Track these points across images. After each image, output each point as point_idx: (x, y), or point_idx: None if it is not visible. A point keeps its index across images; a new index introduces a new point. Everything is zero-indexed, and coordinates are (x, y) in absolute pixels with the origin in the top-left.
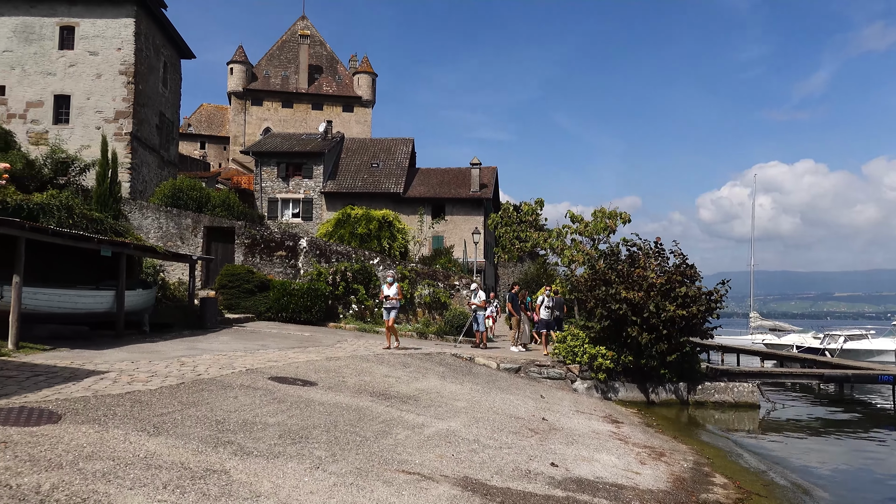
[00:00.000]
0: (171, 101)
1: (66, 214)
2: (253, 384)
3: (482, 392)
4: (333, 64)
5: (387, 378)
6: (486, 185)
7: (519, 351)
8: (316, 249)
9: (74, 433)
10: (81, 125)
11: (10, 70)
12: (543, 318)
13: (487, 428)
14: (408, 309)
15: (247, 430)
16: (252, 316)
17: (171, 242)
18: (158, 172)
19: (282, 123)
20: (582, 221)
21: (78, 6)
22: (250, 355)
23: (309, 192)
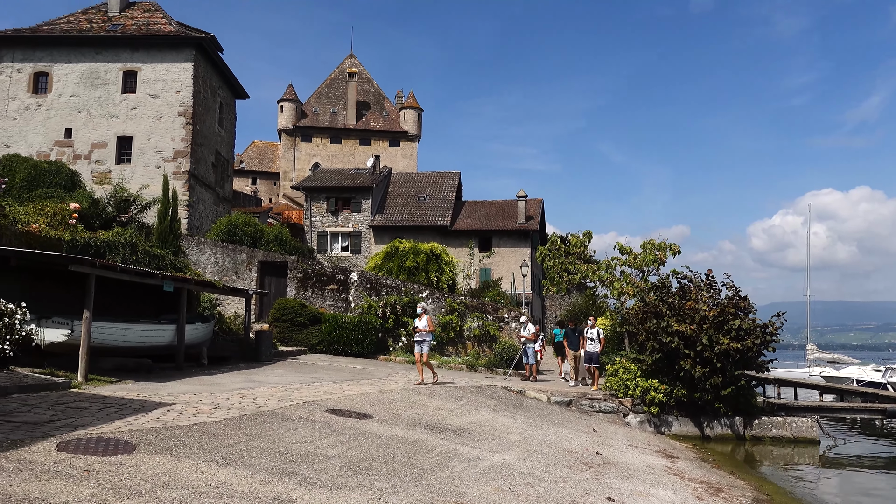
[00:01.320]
0: (226, 140)
1: (130, 251)
2: (311, 416)
3: (534, 425)
4: (380, 100)
5: (439, 411)
6: (533, 217)
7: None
8: (366, 283)
9: (150, 463)
10: (142, 164)
11: (76, 113)
12: (591, 352)
13: (542, 461)
14: (457, 342)
15: (309, 461)
16: (305, 348)
17: (227, 277)
18: (214, 209)
19: (330, 159)
20: (631, 253)
21: (140, 52)
22: (306, 388)
23: (357, 225)
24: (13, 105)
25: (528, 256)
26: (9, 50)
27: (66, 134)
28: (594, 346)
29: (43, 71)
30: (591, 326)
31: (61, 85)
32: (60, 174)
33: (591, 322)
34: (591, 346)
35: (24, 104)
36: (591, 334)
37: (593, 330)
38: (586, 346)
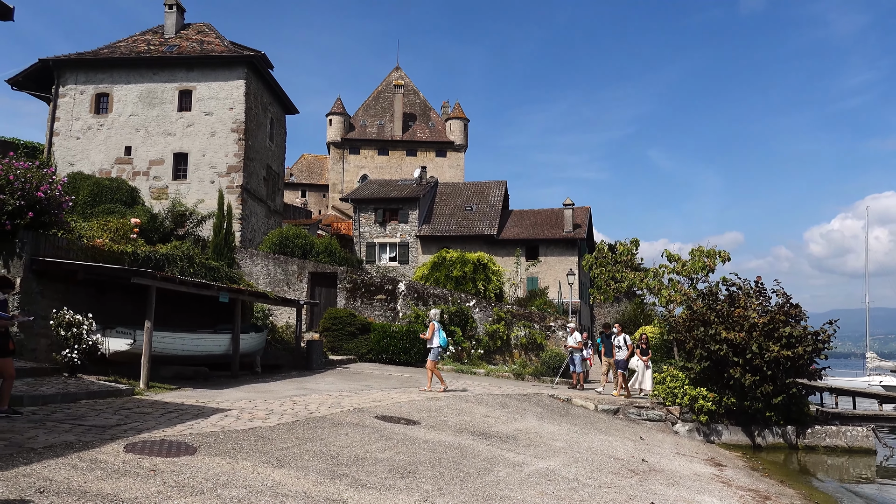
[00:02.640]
0: (277, 155)
1: (187, 263)
2: (361, 422)
3: (580, 433)
4: (426, 111)
5: (486, 418)
6: (580, 226)
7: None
8: (414, 293)
9: (210, 464)
10: (197, 180)
11: (135, 132)
12: (617, 359)
13: (587, 468)
14: (504, 350)
15: (359, 464)
16: (354, 357)
17: (279, 288)
18: (266, 221)
19: (378, 170)
20: (679, 261)
21: (195, 71)
22: (356, 395)
23: (405, 236)
24: (76, 125)
25: (575, 265)
26: (72, 73)
27: (126, 152)
28: (621, 353)
29: (104, 92)
30: (616, 334)
31: (121, 105)
32: (121, 190)
33: (617, 329)
34: (619, 354)
35: (86, 124)
36: (618, 342)
37: (619, 337)
38: (615, 353)
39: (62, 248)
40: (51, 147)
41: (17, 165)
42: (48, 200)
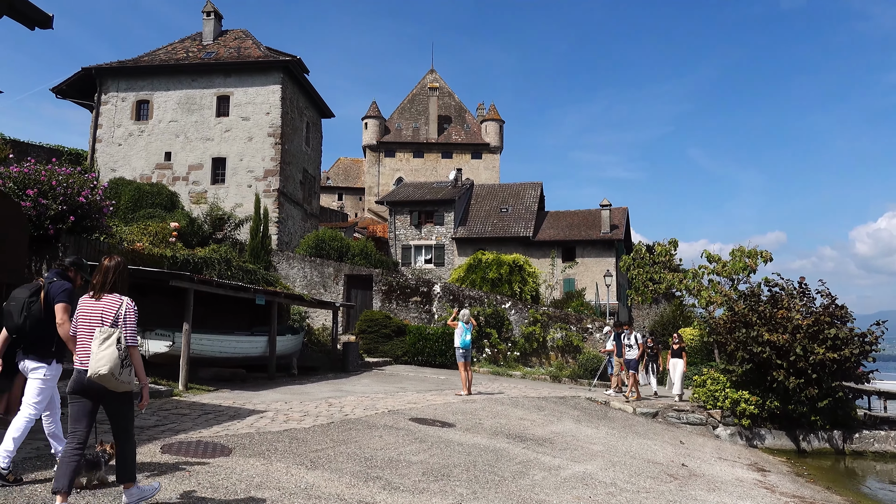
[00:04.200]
0: (313, 158)
1: (225, 266)
2: (395, 424)
3: (618, 436)
4: (461, 113)
5: (522, 421)
6: (617, 226)
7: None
8: (449, 294)
9: (244, 465)
10: (235, 184)
11: (175, 137)
12: (628, 359)
13: (624, 472)
14: (540, 352)
15: (392, 466)
16: (390, 359)
17: (315, 290)
18: (302, 225)
19: (413, 173)
20: (719, 261)
21: (232, 77)
22: (391, 397)
23: (441, 238)
24: (118, 132)
25: (612, 266)
26: (114, 80)
27: (166, 157)
28: (632, 352)
29: (144, 99)
30: (628, 332)
31: (161, 111)
32: (161, 195)
33: (628, 328)
34: (629, 353)
35: (128, 130)
36: (629, 340)
37: (631, 336)
38: (625, 352)
39: (103, 252)
40: (94, 153)
41: (59, 171)
42: (89, 205)
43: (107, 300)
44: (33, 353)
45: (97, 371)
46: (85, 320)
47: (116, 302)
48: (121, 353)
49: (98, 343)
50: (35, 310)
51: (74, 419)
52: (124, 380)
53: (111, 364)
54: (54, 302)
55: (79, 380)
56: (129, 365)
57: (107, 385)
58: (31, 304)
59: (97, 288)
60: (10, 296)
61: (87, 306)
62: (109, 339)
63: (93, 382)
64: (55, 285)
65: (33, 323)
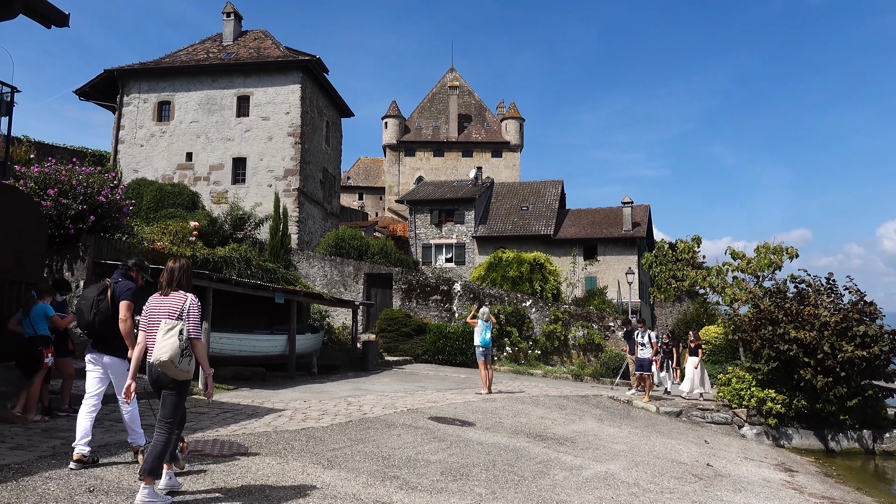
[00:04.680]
0: (333, 157)
1: (244, 265)
2: (414, 423)
3: (641, 435)
4: (482, 111)
5: (543, 420)
6: (639, 224)
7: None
8: (469, 293)
9: (260, 464)
10: (255, 184)
11: (196, 138)
12: (642, 358)
13: (648, 472)
14: (562, 351)
15: (410, 466)
16: (410, 358)
17: (335, 289)
18: (322, 224)
19: (434, 172)
20: (744, 258)
21: (252, 77)
22: (410, 396)
23: (461, 237)
24: (140, 133)
25: (634, 264)
26: (136, 82)
27: (187, 157)
28: (645, 351)
29: (166, 100)
30: (642, 330)
31: (182, 112)
32: (182, 195)
33: (642, 326)
34: (642, 352)
35: (149, 131)
36: (643, 339)
37: (645, 334)
38: (637, 351)
39: (123, 252)
40: (116, 154)
41: (79, 171)
42: (109, 204)
43: (173, 297)
44: (112, 350)
45: (159, 358)
46: (154, 315)
47: (182, 298)
48: (182, 344)
49: (162, 333)
50: (103, 307)
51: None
52: (183, 368)
53: (171, 352)
54: (119, 300)
55: (151, 373)
56: (189, 355)
57: (167, 372)
58: (99, 303)
59: (164, 286)
60: (80, 295)
61: (156, 303)
62: (172, 331)
63: (157, 370)
64: (120, 285)
65: (102, 320)
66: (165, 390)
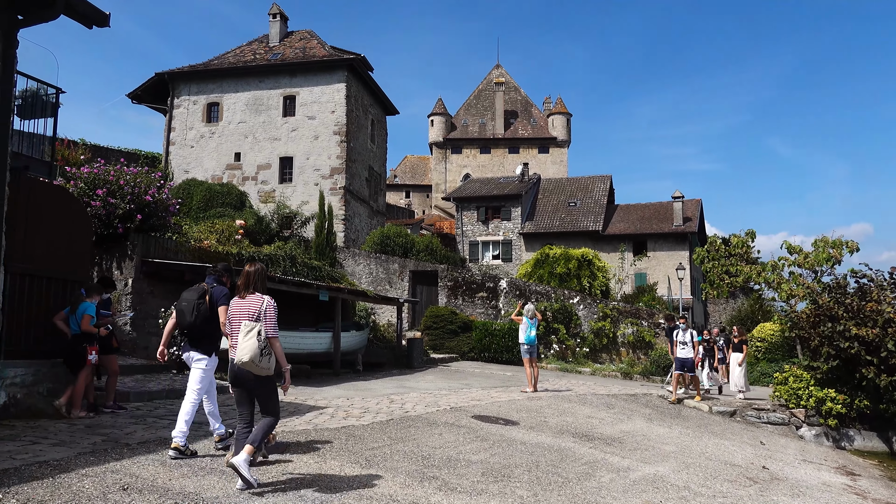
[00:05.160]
0: (378, 156)
1: (290, 263)
2: (456, 422)
3: (693, 436)
4: (528, 107)
5: (590, 419)
6: (690, 219)
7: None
8: (515, 290)
9: (297, 462)
10: (302, 182)
11: (244, 138)
12: (683, 357)
13: (699, 474)
14: (611, 348)
15: (450, 466)
16: (456, 356)
17: (381, 286)
18: (369, 222)
19: (480, 169)
20: (801, 252)
21: (298, 77)
22: (454, 394)
23: (508, 233)
24: (190, 134)
25: (685, 260)
26: (185, 84)
27: (236, 158)
28: (687, 350)
29: (215, 101)
30: (683, 329)
31: (230, 113)
32: (231, 195)
33: (683, 323)
34: (683, 351)
35: (199, 133)
36: (684, 337)
37: (686, 333)
38: (677, 350)
39: (170, 250)
40: (167, 156)
41: (127, 171)
42: (155, 203)
43: (251, 299)
44: (198, 348)
45: (241, 358)
46: (235, 317)
47: (258, 300)
48: (261, 343)
49: (243, 335)
50: (203, 310)
51: (238, 403)
52: (264, 366)
53: (252, 352)
54: (217, 304)
55: (232, 370)
56: (268, 353)
57: (251, 370)
58: (199, 305)
59: (242, 289)
60: (180, 297)
61: (236, 305)
62: (251, 332)
63: (240, 369)
64: (217, 289)
65: (201, 321)
66: (256, 387)
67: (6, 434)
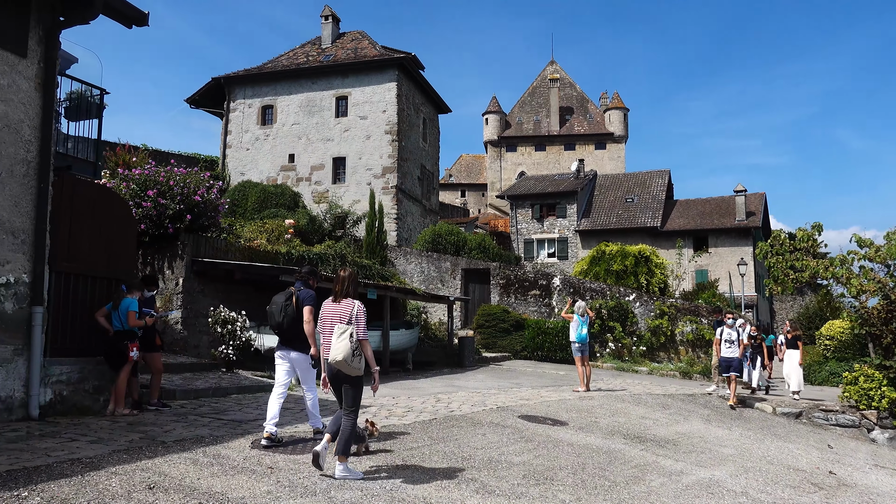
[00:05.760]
0: (431, 154)
1: (339, 262)
2: (502, 422)
3: (754, 438)
4: (584, 103)
5: (643, 420)
6: (754, 213)
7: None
8: (569, 287)
9: (331, 462)
10: (355, 182)
11: (297, 140)
12: (728, 357)
13: (759, 479)
14: (669, 347)
15: (491, 467)
16: (508, 355)
17: (433, 285)
18: (421, 221)
19: (535, 166)
20: (872, 246)
21: (350, 78)
22: (503, 393)
23: (563, 231)
24: (246, 137)
25: (748, 255)
26: (241, 88)
27: (290, 159)
28: (733, 350)
29: (269, 104)
30: (729, 325)
31: (284, 115)
32: (284, 196)
33: (730, 319)
34: (728, 351)
35: (254, 135)
36: (730, 335)
37: (732, 330)
38: (721, 349)
39: (220, 250)
40: (224, 159)
41: (176, 172)
42: (205, 203)
43: (344, 303)
44: (294, 346)
45: (334, 358)
46: (328, 319)
47: (350, 305)
48: (352, 345)
49: (336, 337)
50: (290, 311)
51: (338, 400)
52: (355, 366)
53: (344, 353)
54: (303, 305)
55: (327, 369)
56: (359, 354)
57: (342, 370)
58: (286, 307)
59: (336, 294)
60: (271, 300)
61: (329, 309)
62: (344, 334)
63: (333, 368)
64: (303, 292)
65: (289, 321)
66: (345, 385)
67: (49, 431)
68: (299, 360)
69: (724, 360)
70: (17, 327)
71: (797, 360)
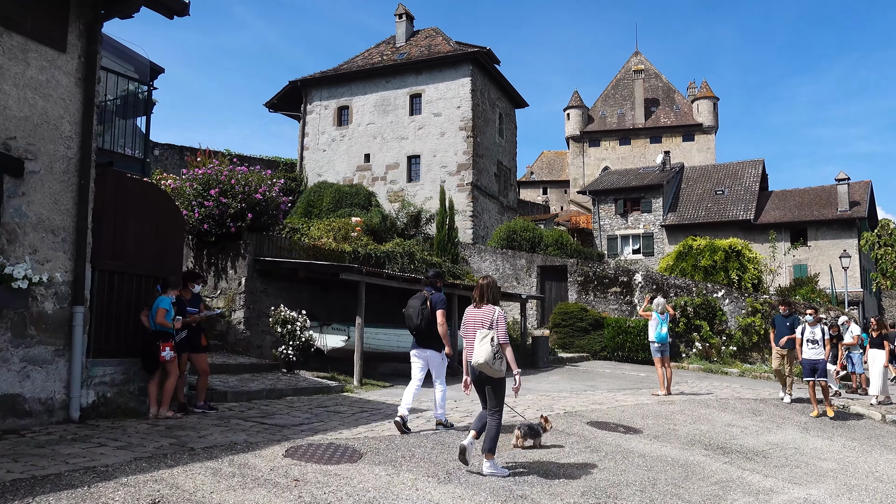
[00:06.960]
0: (508, 150)
1: (407, 260)
2: (567, 429)
3: (859, 450)
4: (670, 94)
5: (729, 428)
6: (858, 203)
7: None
8: (652, 284)
9: (367, 475)
10: (429, 180)
11: (372, 139)
12: (812, 359)
13: (865, 500)
14: (762, 347)
15: (545, 482)
16: (586, 355)
17: (508, 282)
18: (498, 218)
19: (620, 161)
20: None
21: (423, 75)
22: (575, 396)
23: (648, 226)
24: (322, 138)
25: (852, 247)
26: (317, 90)
27: (365, 159)
28: (816, 351)
29: (344, 105)
30: (811, 323)
31: (359, 115)
32: (359, 195)
33: (812, 313)
34: (812, 352)
35: (331, 136)
36: (812, 333)
37: (815, 328)
38: (803, 351)
39: (284, 248)
40: (302, 161)
41: (238, 171)
42: (266, 202)
43: (485, 309)
44: (431, 346)
45: (477, 361)
46: (470, 324)
47: (491, 310)
48: (493, 348)
49: (478, 341)
50: (426, 314)
51: (482, 400)
52: (497, 368)
53: (486, 356)
54: (436, 308)
55: (471, 370)
56: (500, 358)
57: (485, 372)
58: (422, 310)
59: (477, 300)
60: (407, 304)
61: (471, 314)
62: (485, 339)
63: (476, 370)
64: (435, 296)
65: (426, 323)
66: (488, 386)
67: (82, 435)
68: (434, 358)
69: (808, 362)
70: (57, 327)
71: (882, 362)
